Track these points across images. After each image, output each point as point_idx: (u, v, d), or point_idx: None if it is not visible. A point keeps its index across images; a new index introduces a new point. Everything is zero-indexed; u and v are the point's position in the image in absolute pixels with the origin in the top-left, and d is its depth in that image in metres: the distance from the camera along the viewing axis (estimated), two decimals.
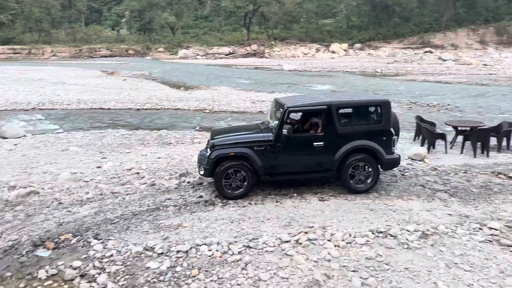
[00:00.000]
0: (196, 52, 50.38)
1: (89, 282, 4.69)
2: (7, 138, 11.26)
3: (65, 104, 17.03)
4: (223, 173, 6.71)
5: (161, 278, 4.73)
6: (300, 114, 7.79)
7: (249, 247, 5.29)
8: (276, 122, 6.88)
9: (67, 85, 22.67)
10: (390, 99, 7.98)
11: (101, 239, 5.51)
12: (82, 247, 5.38)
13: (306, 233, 5.59)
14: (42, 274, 4.81)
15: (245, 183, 6.81)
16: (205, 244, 5.33)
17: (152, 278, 4.72)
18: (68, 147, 10.27)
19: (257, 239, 5.45)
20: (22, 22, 57.30)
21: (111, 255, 5.16)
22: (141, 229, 5.82)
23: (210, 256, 5.12)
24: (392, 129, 7.10)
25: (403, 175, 8.14)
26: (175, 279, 4.70)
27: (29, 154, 9.72)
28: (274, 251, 5.21)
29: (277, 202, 6.77)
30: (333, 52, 48.69)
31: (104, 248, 5.31)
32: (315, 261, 4.98)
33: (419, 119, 10.70)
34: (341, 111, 7.02)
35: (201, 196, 7.00)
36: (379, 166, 7.14)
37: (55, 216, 6.25)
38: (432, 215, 6.24)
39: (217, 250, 5.20)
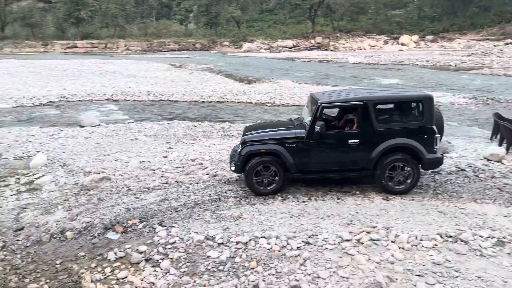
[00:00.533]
0: (260, 45, 50.65)
1: (153, 266, 4.90)
2: (84, 126, 12.12)
3: (136, 95, 17.95)
4: (254, 170, 6.65)
5: (221, 267, 4.81)
6: (337, 110, 7.57)
7: (308, 243, 5.22)
8: (310, 118, 6.67)
9: (138, 77, 23.88)
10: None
11: (165, 226, 5.73)
12: (147, 232, 5.64)
13: (368, 232, 5.40)
14: (111, 255, 5.12)
15: (276, 180, 6.72)
16: (264, 237, 5.34)
17: (212, 267, 4.82)
18: (137, 137, 10.82)
19: (317, 235, 5.36)
20: (99, 18, 61.36)
21: (174, 242, 5.35)
22: (203, 218, 5.98)
23: (268, 249, 5.12)
24: (434, 127, 6.63)
25: (477, 176, 7.57)
26: (234, 270, 4.76)
27: (103, 142, 10.38)
28: (334, 249, 5.09)
29: (338, 199, 6.61)
30: (402, 44, 46.52)
31: (168, 235, 5.52)
32: (378, 263, 4.79)
33: (497, 116, 9.87)
34: (378, 107, 6.66)
35: None
36: (420, 166, 6.71)
37: (124, 202, 6.61)
38: (510, 221, 5.73)
39: (275, 244, 5.19)
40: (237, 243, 5.25)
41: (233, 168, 7.00)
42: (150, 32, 59.00)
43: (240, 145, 7.03)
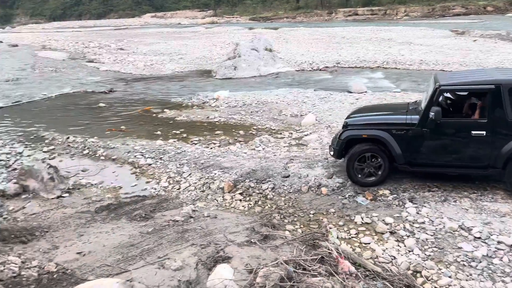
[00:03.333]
0: None
1: (397, 241, 4.81)
2: (352, 92, 12.69)
3: (407, 64, 17.33)
4: (355, 157, 5.94)
5: (473, 264, 4.28)
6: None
7: None
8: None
9: (412, 45, 22.87)
10: None
11: (416, 204, 5.47)
12: (396, 206, 5.53)
13: None
14: (358, 219, 5.32)
15: (380, 170, 5.92)
16: None
17: (462, 260, 4.35)
18: None
19: None
20: None
21: (423, 223, 5.07)
22: (460, 205, 5.37)
23: None
24: None
25: None
26: (490, 271, 4.14)
27: None
28: None
29: None
30: None
31: (418, 214, 5.26)
32: None
33: None
34: None
35: None
36: None
37: None
38: None
39: None
40: (499, 243, 4.51)
41: (331, 153, 6.39)
42: None
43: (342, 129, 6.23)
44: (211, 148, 8.43)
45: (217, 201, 6.17)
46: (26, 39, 39.87)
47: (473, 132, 5.47)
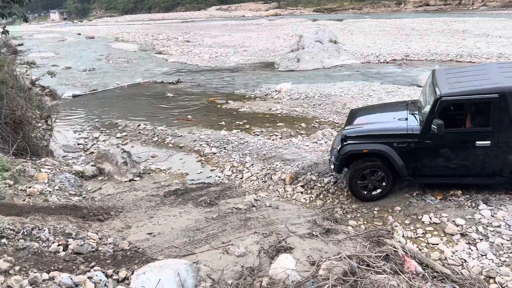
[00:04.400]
0: None
1: (468, 244, 4.59)
2: (421, 86, 12.08)
3: (483, 57, 16.17)
4: (357, 174, 5.62)
5: None
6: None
7: None
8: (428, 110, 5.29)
9: (490, 37, 21.28)
10: None
11: (490, 206, 5.15)
12: (468, 207, 5.24)
13: None
14: (425, 218, 5.12)
15: (383, 184, 5.65)
16: None
17: None
18: None
19: None
20: None
21: (499, 226, 4.77)
22: None
23: None
24: None
25: None
26: None
27: None
28: None
29: None
30: None
31: (492, 216, 4.96)
32: None
33: None
34: None
35: None
36: None
37: None
38: None
39: None
40: None
41: (332, 166, 5.97)
42: None
43: (340, 140, 5.77)
44: (273, 139, 8.49)
45: (279, 192, 6.22)
46: (101, 32, 42.54)
47: (478, 142, 5.21)
